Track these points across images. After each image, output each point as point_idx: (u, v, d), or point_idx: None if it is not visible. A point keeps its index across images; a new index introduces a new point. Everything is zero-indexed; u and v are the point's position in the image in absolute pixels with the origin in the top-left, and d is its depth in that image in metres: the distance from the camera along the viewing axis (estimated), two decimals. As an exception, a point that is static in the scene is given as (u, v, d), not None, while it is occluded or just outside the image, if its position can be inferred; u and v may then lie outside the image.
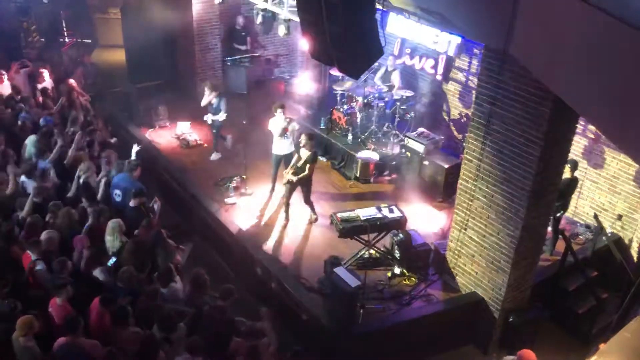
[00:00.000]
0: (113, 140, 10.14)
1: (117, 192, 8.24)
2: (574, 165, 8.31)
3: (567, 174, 7.85)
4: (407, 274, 8.29)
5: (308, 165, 8.96)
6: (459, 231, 7.93)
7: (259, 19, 9.53)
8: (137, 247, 7.15)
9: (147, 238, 7.52)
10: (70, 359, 5.65)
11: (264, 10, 9.24)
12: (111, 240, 7.33)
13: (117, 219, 7.42)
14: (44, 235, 7.03)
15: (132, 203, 7.99)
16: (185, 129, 11.99)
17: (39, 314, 5.96)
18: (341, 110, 11.35)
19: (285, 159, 9.63)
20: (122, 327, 5.96)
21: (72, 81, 11.75)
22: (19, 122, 9.81)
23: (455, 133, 11.68)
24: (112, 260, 7.08)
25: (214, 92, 10.70)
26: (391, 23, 10.66)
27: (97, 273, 6.87)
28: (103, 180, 8.46)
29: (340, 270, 7.47)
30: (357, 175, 10.57)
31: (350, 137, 11.14)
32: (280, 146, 9.68)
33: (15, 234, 7.23)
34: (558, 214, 8.45)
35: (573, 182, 8.45)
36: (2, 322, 5.80)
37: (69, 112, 10.52)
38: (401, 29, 10.75)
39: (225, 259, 9.28)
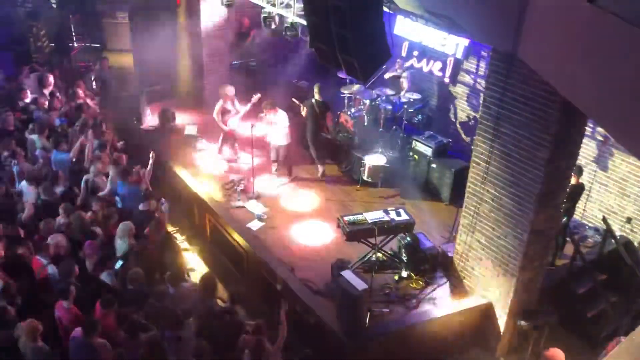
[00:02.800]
0: (120, 143, 10.20)
1: (117, 198, 8.33)
2: (579, 171, 8.23)
3: (572, 180, 7.79)
4: (414, 277, 8.27)
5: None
6: (467, 234, 7.90)
7: (265, 22, 9.55)
8: (144, 249, 7.19)
9: (155, 240, 7.56)
10: (81, 354, 5.77)
11: (271, 13, 9.26)
12: (121, 244, 7.37)
13: (127, 222, 7.47)
14: (51, 239, 7.08)
15: (141, 206, 8.04)
16: (192, 132, 12.04)
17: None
18: (348, 113, 11.35)
19: (277, 149, 10.40)
20: (133, 338, 5.99)
21: (80, 84, 11.83)
22: (30, 125, 9.92)
23: (463, 136, 11.66)
24: (119, 263, 7.12)
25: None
26: (398, 26, 10.65)
27: (104, 276, 6.91)
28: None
29: (347, 274, 7.46)
30: (365, 179, 10.56)
31: (357, 140, 11.13)
32: (271, 136, 10.38)
33: (20, 236, 7.28)
34: (563, 220, 8.39)
35: (578, 188, 8.38)
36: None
37: (79, 115, 10.60)
38: (408, 31, 10.73)
39: (233, 262, 9.30)
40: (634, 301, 7.93)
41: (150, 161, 8.91)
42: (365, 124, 11.21)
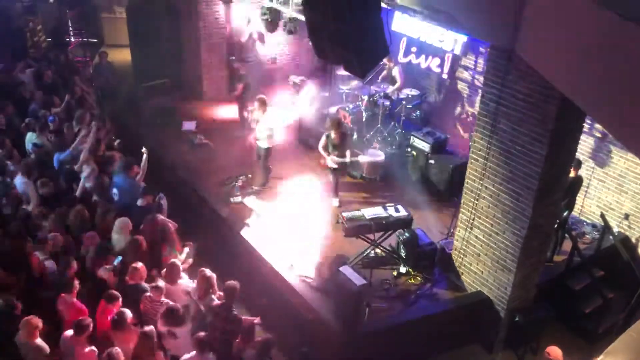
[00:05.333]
0: (116, 142, 10.15)
1: (115, 191, 8.29)
2: (577, 164, 8.26)
3: (570, 173, 7.82)
4: (412, 273, 8.28)
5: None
6: (465, 230, 7.92)
7: (264, 18, 9.54)
8: (140, 243, 7.18)
9: (151, 234, 7.56)
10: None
11: (269, 9, 9.24)
12: (118, 239, 7.36)
13: (124, 218, 7.45)
14: (50, 236, 7.08)
15: (139, 202, 8.03)
16: (190, 127, 12.04)
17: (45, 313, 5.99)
18: (347, 109, 11.35)
19: (260, 152, 10.00)
20: (120, 331, 5.98)
21: (77, 79, 11.79)
22: (26, 120, 9.88)
23: (462, 132, 11.66)
24: (118, 259, 7.11)
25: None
26: (397, 22, 10.63)
27: (102, 272, 6.91)
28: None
29: (345, 270, 7.48)
30: (363, 175, 10.56)
31: (355, 136, 11.14)
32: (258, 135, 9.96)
33: (24, 232, 7.27)
34: (564, 214, 8.41)
35: (577, 181, 8.41)
36: (2, 323, 5.85)
37: (76, 110, 10.57)
38: (407, 27, 10.71)
39: (231, 258, 9.29)
40: (631, 297, 7.95)
41: (144, 157, 8.85)
42: (364, 120, 11.21)
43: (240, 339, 6.30)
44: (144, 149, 8.82)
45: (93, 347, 5.79)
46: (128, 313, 6.04)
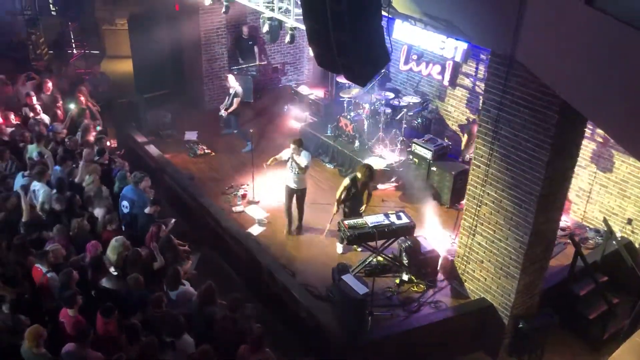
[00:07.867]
0: (119, 152, 10.17)
1: (125, 203, 8.27)
2: None
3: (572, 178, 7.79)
4: (415, 280, 8.26)
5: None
6: (468, 237, 7.90)
7: (265, 28, 9.56)
8: (140, 255, 7.17)
9: (153, 246, 7.57)
10: None
11: (270, 19, 9.27)
12: (111, 256, 7.28)
13: (120, 237, 7.32)
14: (50, 247, 7.07)
15: (147, 210, 8.06)
16: (192, 137, 12.08)
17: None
18: (348, 117, 11.36)
19: (294, 193, 9.21)
20: (135, 342, 5.97)
21: (82, 90, 11.82)
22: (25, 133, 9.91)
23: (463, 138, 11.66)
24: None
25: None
26: (397, 30, 10.67)
27: (105, 282, 6.90)
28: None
29: (348, 278, 7.46)
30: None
31: (357, 144, 11.14)
32: (287, 178, 9.22)
33: (27, 246, 7.26)
34: None
35: None
36: (8, 335, 5.84)
37: (80, 120, 10.60)
38: (407, 35, 10.76)
39: (233, 267, 9.29)
40: (636, 302, 7.92)
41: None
42: (365, 127, 11.22)
43: (249, 347, 6.25)
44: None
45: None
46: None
